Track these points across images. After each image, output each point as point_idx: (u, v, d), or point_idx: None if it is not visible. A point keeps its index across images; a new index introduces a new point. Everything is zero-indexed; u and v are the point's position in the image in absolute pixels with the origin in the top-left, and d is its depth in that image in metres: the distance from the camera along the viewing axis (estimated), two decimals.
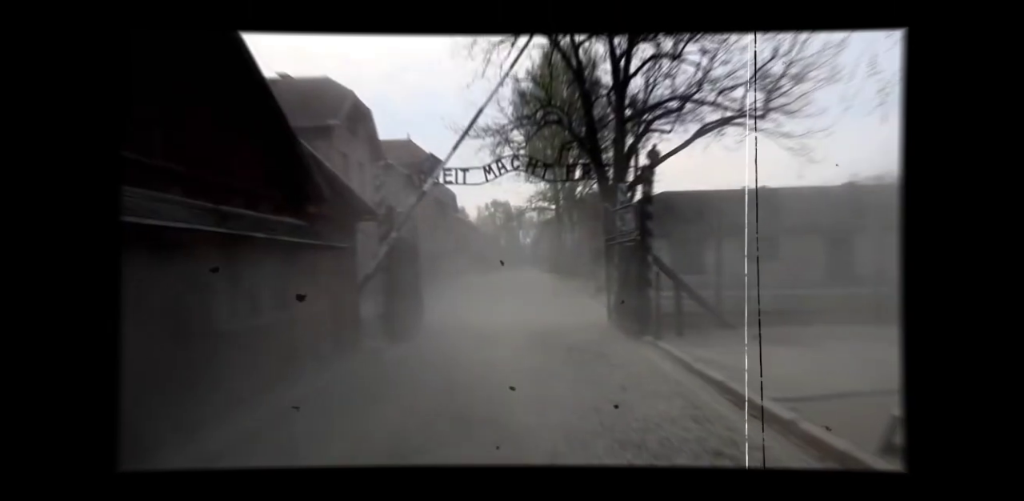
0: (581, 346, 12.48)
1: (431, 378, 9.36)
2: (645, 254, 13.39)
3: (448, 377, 9.55)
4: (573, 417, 6.92)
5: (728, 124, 23.78)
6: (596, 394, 8.08)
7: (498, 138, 25.94)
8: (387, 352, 12.05)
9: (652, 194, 13.59)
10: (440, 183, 13.60)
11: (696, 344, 11.55)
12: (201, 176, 5.94)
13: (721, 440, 6.26)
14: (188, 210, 5.18)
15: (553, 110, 25.75)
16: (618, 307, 15.62)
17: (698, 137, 24.66)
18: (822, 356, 9.99)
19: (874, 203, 20.73)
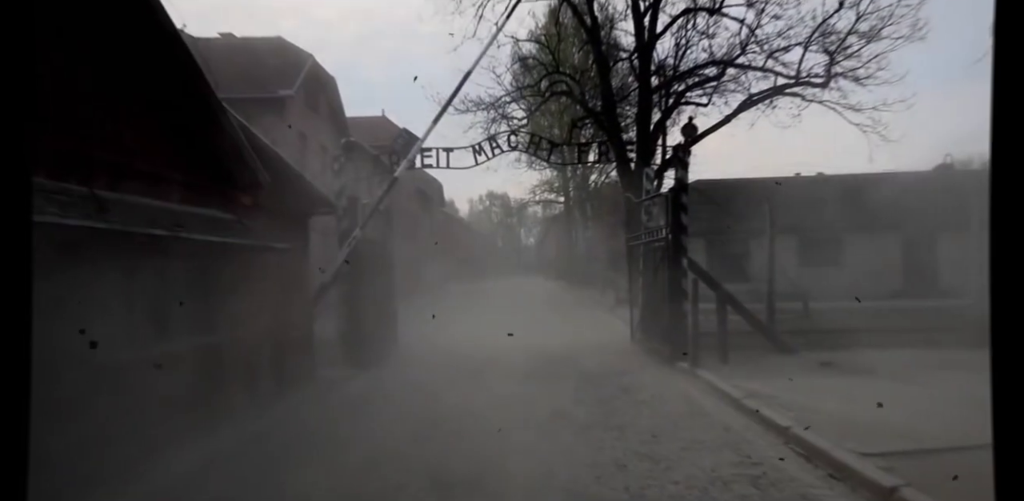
0: (598, 375, 11.77)
1: (401, 421, 8.65)
2: (679, 257, 12.69)
3: (424, 419, 8.84)
4: (589, 478, 6.20)
5: (781, 94, 23.10)
6: (619, 444, 7.35)
7: (493, 113, 25.27)
8: (348, 385, 11.34)
9: (687, 181, 12.89)
10: (417, 166, 12.87)
11: (746, 374, 10.84)
12: (76, 150, 5.23)
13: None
14: (48, 196, 4.46)
15: (562, 78, 25.00)
16: (644, 324, 14.92)
17: (742, 111, 23.96)
18: (915, 392, 9.26)
19: (966, 194, 20.09)
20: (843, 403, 8.62)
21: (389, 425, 8.07)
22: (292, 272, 10.63)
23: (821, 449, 6.59)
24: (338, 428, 8.29)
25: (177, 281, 6.95)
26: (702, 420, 8.47)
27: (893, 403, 8.65)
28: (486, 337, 16.66)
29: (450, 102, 12.00)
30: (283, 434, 7.89)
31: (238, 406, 8.16)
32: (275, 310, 10.02)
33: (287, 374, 10.47)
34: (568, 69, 25.91)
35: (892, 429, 7.17)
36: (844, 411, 8.13)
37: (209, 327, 7.77)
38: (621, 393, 10.24)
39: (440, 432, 7.91)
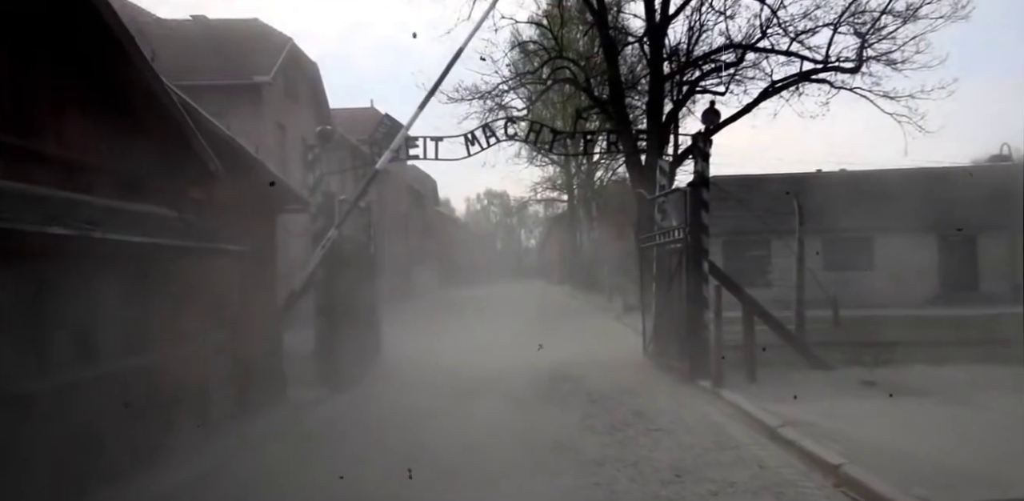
0: (608, 396, 10.91)
1: (374, 460, 7.77)
2: (699, 260, 11.83)
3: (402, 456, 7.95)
4: None
5: (807, 81, 22.25)
6: (636, 486, 6.49)
7: (490, 103, 24.43)
8: (319, 410, 10.47)
9: (708, 174, 12.03)
10: (402, 158, 12.01)
11: (778, 395, 9.95)
12: None
13: None
14: None
15: (565, 64, 24.15)
16: (658, 336, 14.06)
17: (764, 100, 23.09)
18: (981, 418, 8.38)
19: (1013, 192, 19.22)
20: (898, 433, 7.75)
21: (359, 466, 7.17)
22: (254, 278, 9.77)
23: (884, 497, 5.71)
24: (293, 472, 7.41)
25: (96, 291, 6.08)
26: (732, 454, 7.60)
27: (957, 433, 7.79)
28: (481, 350, 15.83)
29: (439, 83, 11.15)
30: (218, 484, 6.92)
31: (177, 441, 7.28)
32: (233, 323, 9.17)
33: (249, 397, 9.61)
34: (572, 54, 25.06)
35: (965, 469, 6.30)
36: (901, 444, 7.25)
37: (142, 345, 6.90)
38: (634, 419, 9.36)
39: (420, 475, 7.02)
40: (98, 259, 5.75)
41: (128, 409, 6.49)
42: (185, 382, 7.80)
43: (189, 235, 6.82)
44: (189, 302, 7.53)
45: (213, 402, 8.56)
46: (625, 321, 22.57)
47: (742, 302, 11.56)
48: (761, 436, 8.24)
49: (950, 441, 7.35)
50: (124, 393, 6.49)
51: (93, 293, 6.17)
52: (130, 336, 6.82)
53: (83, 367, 6.03)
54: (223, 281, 8.41)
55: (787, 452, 7.51)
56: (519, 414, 9.86)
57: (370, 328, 14.67)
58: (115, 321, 6.54)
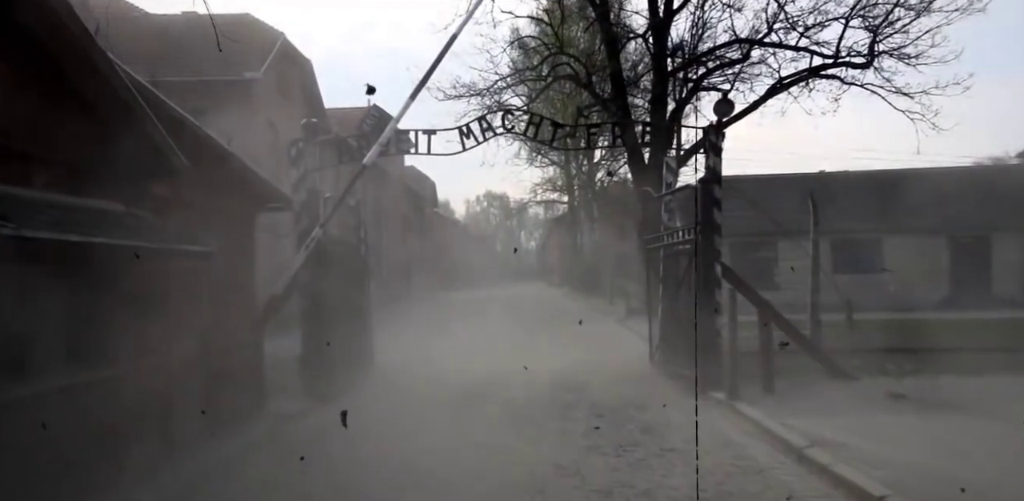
0: (613, 410, 10.06)
1: (357, 486, 6.95)
2: (711, 262, 10.98)
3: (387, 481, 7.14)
4: None
5: (816, 76, 21.41)
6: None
7: (488, 100, 23.59)
8: (301, 423, 9.61)
9: (721, 169, 11.19)
10: (392, 152, 11.14)
11: (800, 409, 9.12)
12: None
13: None
14: None
15: (566, 60, 23.34)
16: (666, 342, 13.22)
17: (771, 96, 22.26)
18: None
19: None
20: (943, 455, 6.91)
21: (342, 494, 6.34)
22: (228, 282, 8.92)
23: None
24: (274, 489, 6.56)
25: (29, 298, 5.23)
26: (756, 481, 6.75)
27: (1009, 455, 6.94)
28: (480, 356, 14.97)
29: (432, 70, 10.30)
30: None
31: (134, 468, 6.43)
32: (203, 331, 8.31)
33: (224, 413, 8.75)
34: (572, 51, 24.22)
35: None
36: (949, 469, 6.41)
37: (92, 359, 6.05)
38: (644, 437, 8.51)
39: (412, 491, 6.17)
40: (25, 261, 4.89)
41: (73, 433, 5.64)
42: (146, 399, 6.95)
43: (139, 234, 5.97)
44: (147, 309, 6.67)
45: (180, 420, 7.69)
46: (628, 325, 21.72)
47: (757, 306, 10.72)
48: (787, 458, 7.39)
49: (1003, 465, 6.51)
50: (66, 414, 5.64)
51: (39, 301, 5.33)
52: (76, 349, 5.97)
53: (12, 385, 5.18)
54: (188, 285, 7.56)
55: (819, 478, 6.66)
56: (518, 430, 9.02)
57: (362, 334, 13.82)
58: (55, 332, 5.70)
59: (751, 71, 23.10)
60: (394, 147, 11.08)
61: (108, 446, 6.21)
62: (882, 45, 20.25)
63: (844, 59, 20.77)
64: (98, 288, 6.01)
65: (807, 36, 21.62)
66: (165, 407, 7.43)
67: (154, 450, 7.12)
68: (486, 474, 7.04)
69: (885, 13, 19.70)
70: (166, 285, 6.97)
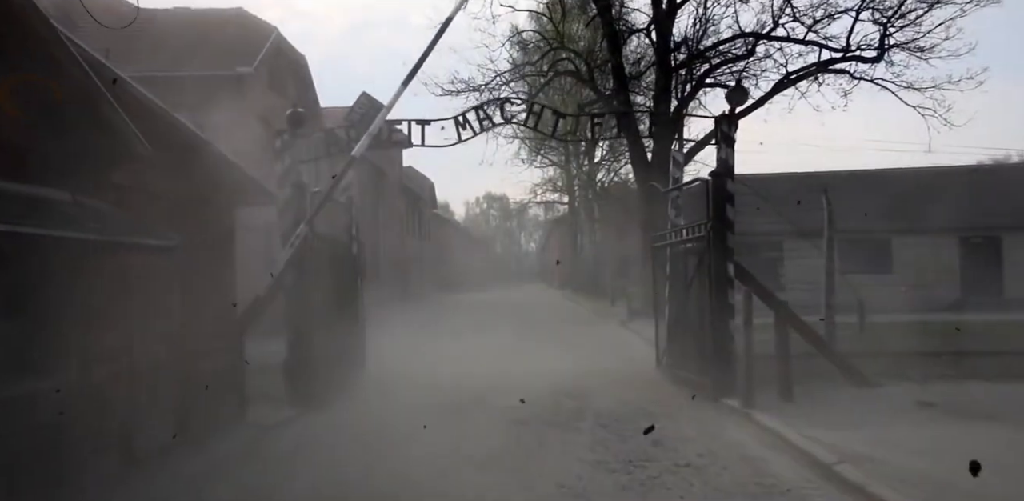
0: (620, 419, 9.31)
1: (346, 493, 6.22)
2: (723, 261, 10.25)
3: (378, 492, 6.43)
4: None
5: (825, 71, 20.71)
6: None
7: (487, 96, 22.85)
8: (282, 434, 8.87)
9: (733, 162, 10.46)
10: (383, 144, 10.41)
11: (822, 419, 8.39)
12: None
13: None
14: None
15: (566, 55, 22.64)
16: (673, 346, 12.48)
17: (778, 92, 21.58)
18: None
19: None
20: (986, 471, 6.16)
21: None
22: (203, 282, 8.19)
23: None
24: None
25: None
26: (780, 498, 6.02)
27: None
28: (478, 361, 14.26)
29: (426, 55, 9.55)
30: None
31: (86, 487, 5.69)
32: (173, 334, 7.58)
33: (198, 422, 8.01)
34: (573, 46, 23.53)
35: None
36: (1000, 488, 5.68)
37: (34, 366, 5.32)
38: (655, 450, 7.75)
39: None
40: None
41: (13, 452, 4.92)
42: (103, 411, 6.23)
43: (82, 224, 5.23)
44: (101, 310, 5.94)
45: (145, 433, 6.95)
46: (631, 328, 20.97)
47: (773, 308, 9.98)
48: (814, 476, 6.64)
49: None
50: (4, 431, 4.91)
51: None
52: (16, 355, 5.24)
53: None
54: (152, 284, 6.82)
55: (853, 499, 5.92)
56: (517, 442, 8.28)
57: (353, 338, 13.08)
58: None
59: (757, 67, 22.45)
60: (386, 139, 10.35)
61: (55, 466, 5.48)
62: (892, 39, 19.59)
63: (854, 53, 20.11)
64: (39, 286, 5.28)
65: (815, 30, 20.99)
66: (127, 419, 6.69)
67: (113, 468, 6.39)
68: (482, 494, 6.32)
69: (897, 4, 18.99)
70: (124, 283, 6.23)
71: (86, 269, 5.55)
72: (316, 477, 7.14)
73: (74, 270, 5.46)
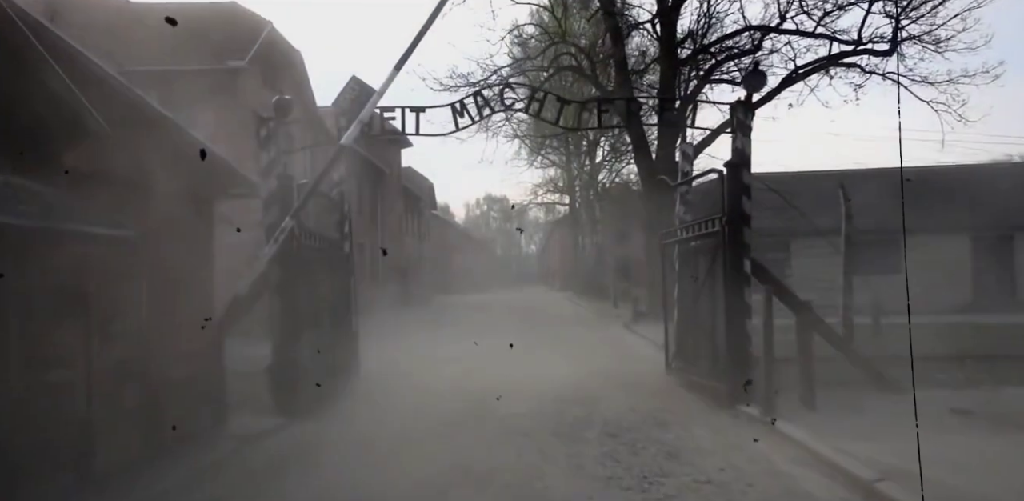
0: (631, 428, 8.56)
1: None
2: (740, 258, 9.51)
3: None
4: None
5: (835, 65, 19.99)
6: None
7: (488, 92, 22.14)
8: (261, 446, 8.12)
9: (750, 152, 9.73)
10: (375, 132, 9.67)
11: (852, 428, 7.67)
12: None
13: None
14: None
15: (568, 49, 21.92)
16: (683, 349, 11.75)
17: (786, 87, 20.84)
18: None
19: None
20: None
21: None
22: (177, 279, 7.46)
23: None
24: None
25: None
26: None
27: None
28: (478, 364, 13.52)
29: (420, 37, 8.82)
30: None
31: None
32: (139, 336, 6.85)
33: (168, 434, 7.27)
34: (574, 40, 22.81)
35: None
36: None
37: None
38: (671, 463, 7.01)
39: None
40: None
41: None
42: (53, 424, 5.50)
43: (18, 209, 4.50)
44: (46, 308, 5.21)
45: (107, 447, 6.22)
46: (636, 330, 20.25)
47: (794, 308, 9.24)
48: (853, 495, 5.91)
49: None
50: None
51: None
52: None
53: None
54: (111, 280, 6.08)
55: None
56: (519, 454, 7.54)
57: (345, 341, 12.34)
58: None
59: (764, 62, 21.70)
60: (378, 127, 9.61)
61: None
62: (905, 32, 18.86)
63: (865, 46, 19.36)
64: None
65: (823, 24, 20.28)
66: (84, 432, 5.96)
67: (68, 488, 5.66)
68: None
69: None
70: (75, 278, 5.50)
71: (24, 260, 4.81)
72: (298, 495, 6.41)
73: (10, 261, 4.72)
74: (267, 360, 9.69)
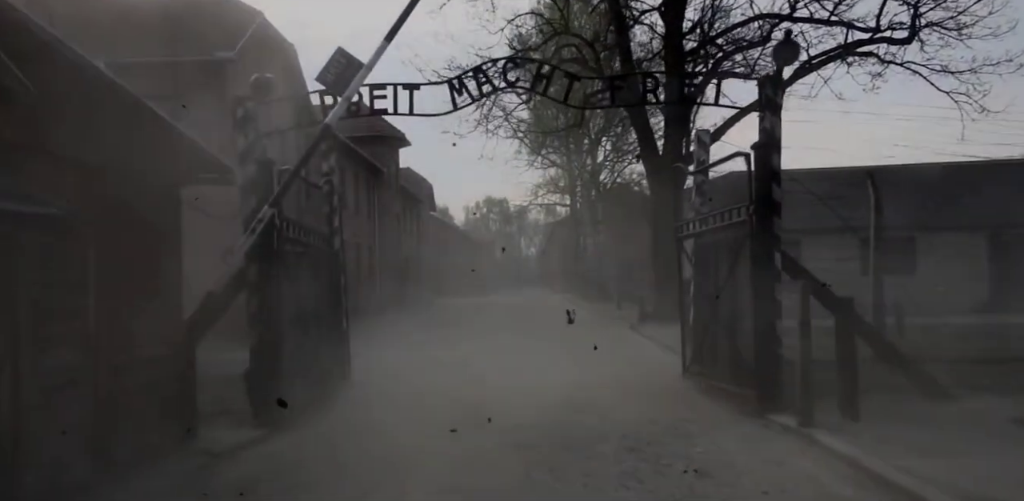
0: (652, 441, 7.56)
1: None
2: (769, 251, 8.52)
3: None
4: None
5: (851, 55, 19.01)
6: None
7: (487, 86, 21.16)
8: (239, 459, 7.14)
9: (780, 133, 8.74)
10: (363, 111, 8.67)
11: (907, 442, 6.66)
12: None
13: None
14: None
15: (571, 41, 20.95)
16: (702, 351, 10.77)
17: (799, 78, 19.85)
18: None
19: None
20: None
21: None
22: (134, 272, 6.47)
23: None
24: None
25: None
26: None
27: None
28: (479, 369, 12.54)
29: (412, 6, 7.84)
30: None
31: None
32: (88, 339, 5.86)
33: (123, 450, 6.29)
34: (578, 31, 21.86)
35: None
36: None
37: None
38: (703, 484, 6.00)
39: None
40: None
41: None
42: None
43: None
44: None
45: (43, 467, 5.22)
46: (644, 332, 19.26)
47: (832, 307, 8.24)
48: None
49: None
50: None
51: None
52: None
53: None
54: (43, 271, 5.09)
55: None
56: (527, 472, 6.53)
57: (335, 344, 11.36)
58: None
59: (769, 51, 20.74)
60: (368, 104, 8.61)
61: None
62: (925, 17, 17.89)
63: (883, 34, 18.38)
64: None
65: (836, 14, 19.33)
66: (12, 450, 4.96)
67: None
68: None
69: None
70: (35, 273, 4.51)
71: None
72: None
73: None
74: (245, 365, 8.71)
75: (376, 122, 35.30)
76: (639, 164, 35.28)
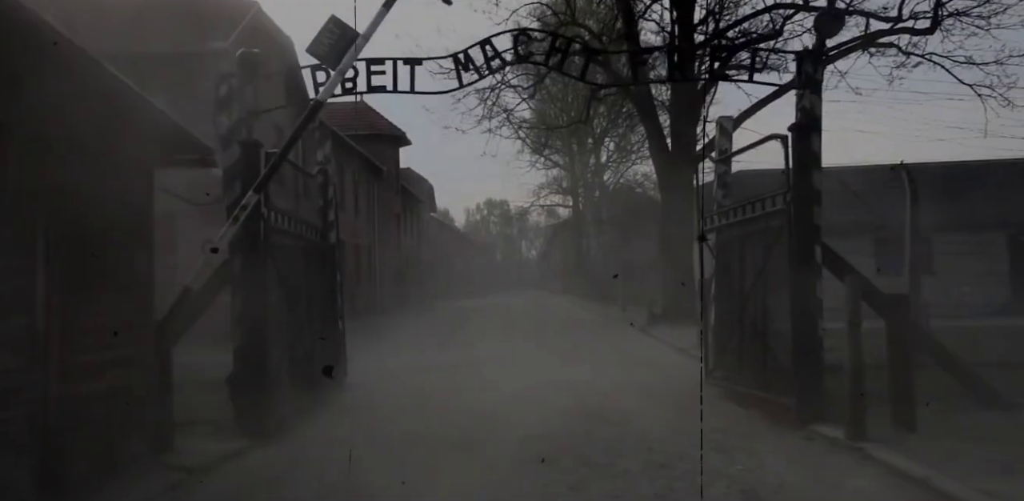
0: (682, 455, 6.66)
1: None
2: (809, 244, 7.65)
3: None
4: None
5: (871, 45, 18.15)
6: None
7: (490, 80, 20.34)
8: (217, 475, 6.27)
9: (820, 113, 7.88)
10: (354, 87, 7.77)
11: (977, 458, 5.81)
12: None
13: None
14: None
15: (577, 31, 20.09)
16: (727, 355, 9.91)
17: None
18: None
19: None
20: None
21: None
22: (94, 267, 5.61)
23: None
24: None
25: None
26: None
27: None
28: (484, 373, 11.70)
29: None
30: None
31: None
32: (33, 339, 4.99)
33: (82, 466, 5.41)
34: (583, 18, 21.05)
35: None
36: None
37: None
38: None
39: None
40: None
41: None
42: None
43: None
44: None
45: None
46: (655, 334, 18.38)
47: (878, 307, 7.36)
48: None
49: None
50: None
51: None
52: None
53: None
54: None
55: None
56: (543, 494, 5.66)
57: (329, 347, 10.48)
58: None
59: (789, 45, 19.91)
60: (364, 82, 7.74)
61: None
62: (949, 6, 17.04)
63: (904, 24, 17.52)
64: None
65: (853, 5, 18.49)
66: None
67: None
68: None
69: None
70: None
71: None
72: None
73: None
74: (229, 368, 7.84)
75: (376, 120, 34.49)
76: (642, 165, 34.57)
